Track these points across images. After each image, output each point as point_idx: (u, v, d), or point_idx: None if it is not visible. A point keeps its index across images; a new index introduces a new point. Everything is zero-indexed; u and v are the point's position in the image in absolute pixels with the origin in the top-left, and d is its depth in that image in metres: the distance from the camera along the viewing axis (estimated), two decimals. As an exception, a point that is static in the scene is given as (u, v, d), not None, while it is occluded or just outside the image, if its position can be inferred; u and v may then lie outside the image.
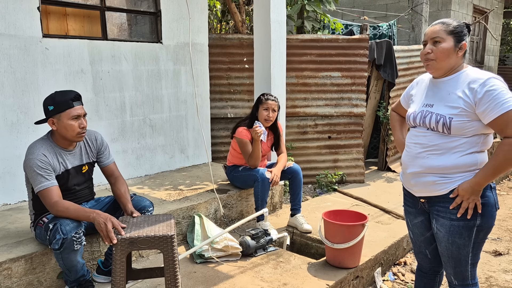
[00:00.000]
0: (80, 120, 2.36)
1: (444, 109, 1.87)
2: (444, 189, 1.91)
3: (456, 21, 1.91)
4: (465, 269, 1.99)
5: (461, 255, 1.96)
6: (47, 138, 2.41)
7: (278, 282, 2.67)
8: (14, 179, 3.19)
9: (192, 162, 4.62)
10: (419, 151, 1.96)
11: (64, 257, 2.21)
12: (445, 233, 1.96)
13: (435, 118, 1.88)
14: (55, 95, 2.36)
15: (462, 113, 1.82)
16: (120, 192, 2.52)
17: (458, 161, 1.87)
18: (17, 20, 3.18)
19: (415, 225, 2.17)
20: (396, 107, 2.32)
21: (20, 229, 2.75)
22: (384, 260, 3.22)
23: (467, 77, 1.87)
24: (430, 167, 1.91)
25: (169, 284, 2.12)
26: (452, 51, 1.87)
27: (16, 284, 2.36)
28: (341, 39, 5.10)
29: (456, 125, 1.83)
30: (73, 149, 2.47)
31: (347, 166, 5.25)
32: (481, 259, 3.50)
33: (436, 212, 1.98)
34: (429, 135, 1.92)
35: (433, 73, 1.95)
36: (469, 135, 1.85)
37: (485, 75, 1.83)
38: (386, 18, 8.79)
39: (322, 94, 5.14)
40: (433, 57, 1.88)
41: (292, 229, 3.57)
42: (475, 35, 10.69)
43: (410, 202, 2.15)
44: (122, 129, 3.97)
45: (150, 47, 4.08)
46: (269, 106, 3.44)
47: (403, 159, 2.08)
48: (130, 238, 2.05)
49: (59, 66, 3.45)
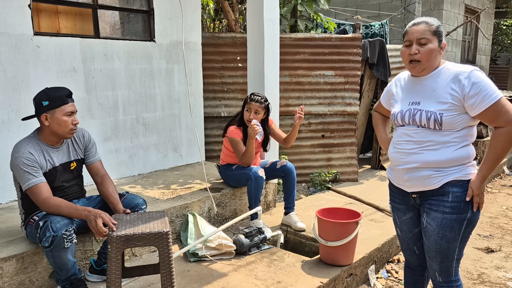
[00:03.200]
0: (73, 116, 2.35)
1: (433, 106, 1.89)
2: (438, 182, 1.93)
3: (436, 21, 1.94)
4: (450, 265, 2.02)
5: (449, 250, 1.98)
6: (33, 136, 2.38)
7: (272, 280, 2.67)
8: (5, 178, 3.15)
9: (186, 161, 4.61)
10: (412, 147, 1.96)
11: (55, 255, 2.19)
12: (436, 226, 1.97)
13: (425, 115, 1.89)
14: (48, 91, 2.33)
15: (451, 107, 1.86)
16: (108, 192, 2.49)
17: (453, 154, 1.90)
18: (8, 17, 3.14)
19: (403, 221, 2.18)
20: (377, 107, 2.37)
21: (11, 228, 2.72)
22: (378, 258, 3.23)
23: (449, 72, 1.90)
24: (427, 161, 1.93)
25: (165, 280, 2.11)
26: (437, 51, 1.90)
27: (8, 283, 2.33)
28: (334, 38, 5.11)
29: (447, 120, 1.86)
30: (60, 146, 2.45)
31: (341, 165, 5.26)
32: (474, 256, 3.53)
33: (429, 206, 2.00)
34: (421, 131, 1.93)
35: (418, 73, 1.96)
36: (459, 129, 1.89)
37: (467, 68, 1.87)
38: (379, 18, 8.82)
39: (316, 93, 5.14)
40: (420, 58, 1.89)
41: (286, 227, 3.57)
42: (467, 35, 10.77)
43: (399, 199, 2.15)
44: (115, 128, 3.94)
45: (143, 46, 4.06)
46: (251, 107, 3.39)
47: (393, 157, 2.08)
48: (125, 235, 2.03)
49: (51, 64, 3.42)
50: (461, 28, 9.94)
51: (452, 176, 1.91)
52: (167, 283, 2.11)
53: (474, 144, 6.08)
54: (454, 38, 9.67)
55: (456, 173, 1.91)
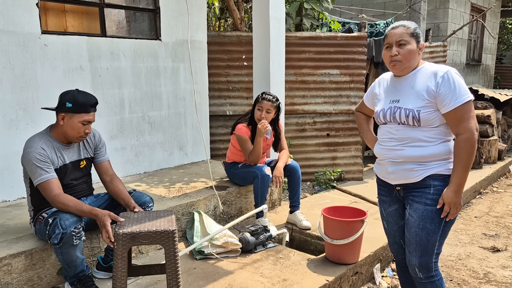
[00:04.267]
0: (88, 126, 2.38)
1: (411, 103, 1.97)
2: (420, 175, 2.00)
3: (413, 24, 2.04)
4: (430, 259, 2.05)
5: (429, 242, 2.02)
6: (45, 133, 2.41)
7: (278, 277, 2.68)
8: (13, 176, 3.18)
9: (191, 160, 4.62)
10: (394, 144, 2.05)
11: (63, 252, 2.21)
12: (417, 217, 2.02)
13: (404, 113, 1.98)
14: (78, 94, 2.34)
15: (428, 104, 1.94)
16: (118, 188, 2.52)
17: (434, 150, 1.97)
18: (16, 16, 3.17)
19: (389, 213, 2.23)
20: (360, 107, 2.44)
21: (20, 225, 2.74)
22: (383, 257, 3.23)
23: (427, 71, 1.99)
24: (409, 156, 2.01)
25: (170, 279, 2.12)
26: (415, 51, 2.00)
27: (16, 280, 2.36)
28: (340, 37, 5.10)
29: (424, 117, 1.94)
30: (71, 144, 2.48)
31: (346, 164, 5.26)
32: (480, 255, 3.52)
33: (412, 198, 2.06)
34: (401, 129, 2.02)
35: (399, 72, 2.06)
36: (437, 125, 1.96)
37: (445, 68, 1.95)
38: (384, 16, 8.80)
39: (321, 92, 5.14)
40: (400, 59, 1.99)
41: (291, 225, 3.58)
42: (472, 34, 10.71)
43: (385, 191, 2.22)
44: (121, 126, 3.96)
45: (148, 44, 4.08)
46: (263, 106, 3.40)
47: (378, 153, 2.17)
48: (131, 233, 2.04)
49: (58, 63, 3.44)
50: (467, 27, 9.89)
51: (433, 170, 1.98)
52: (172, 281, 2.12)
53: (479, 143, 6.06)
54: (459, 37, 9.62)
55: (437, 167, 1.98)
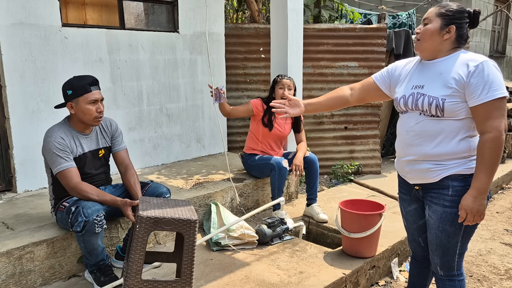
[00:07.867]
0: (97, 104, 2.40)
1: (436, 90, 1.82)
2: (438, 176, 1.88)
3: (456, 6, 1.86)
4: (452, 259, 1.98)
5: (449, 244, 1.94)
6: (64, 123, 2.46)
7: (295, 270, 2.68)
8: (35, 166, 3.26)
9: (208, 152, 4.64)
10: (412, 138, 1.92)
11: (86, 240, 2.25)
12: (436, 219, 1.94)
13: (427, 101, 1.83)
14: (73, 80, 2.40)
15: (455, 93, 1.78)
16: (129, 183, 2.55)
17: (452, 147, 1.83)
18: (37, 9, 3.22)
19: (408, 212, 2.16)
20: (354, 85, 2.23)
21: (42, 214, 2.81)
22: (401, 251, 3.19)
23: (461, 58, 1.83)
24: (425, 154, 1.89)
25: (186, 268, 2.13)
26: (436, 33, 1.84)
27: (38, 267, 2.42)
28: (359, 28, 5.03)
29: (449, 107, 1.79)
30: (90, 133, 2.52)
31: (363, 157, 5.20)
32: (501, 251, 3.44)
33: (430, 199, 1.96)
34: (422, 120, 1.88)
35: (420, 53, 1.94)
36: (461, 117, 1.81)
37: (481, 57, 1.78)
38: (404, 8, 8.63)
39: (339, 84, 5.04)
40: (419, 37, 1.89)
41: (308, 218, 3.56)
42: (496, 25, 10.42)
43: (405, 189, 2.13)
44: (139, 118, 4.00)
45: (167, 37, 4.09)
46: (284, 84, 3.49)
47: (396, 148, 2.06)
48: (155, 217, 2.03)
49: (78, 55, 3.49)
50: (490, 18, 9.62)
51: (452, 170, 1.85)
52: (187, 270, 2.13)
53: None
54: (483, 28, 9.37)
55: (456, 166, 1.85)
